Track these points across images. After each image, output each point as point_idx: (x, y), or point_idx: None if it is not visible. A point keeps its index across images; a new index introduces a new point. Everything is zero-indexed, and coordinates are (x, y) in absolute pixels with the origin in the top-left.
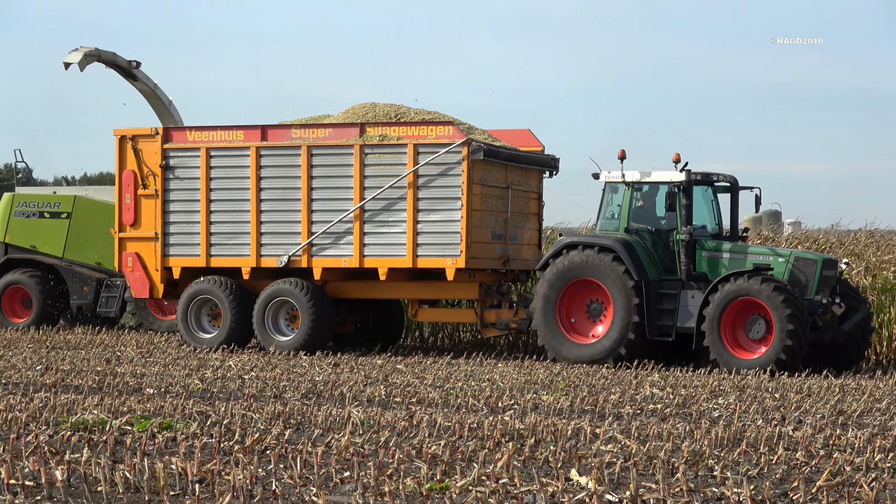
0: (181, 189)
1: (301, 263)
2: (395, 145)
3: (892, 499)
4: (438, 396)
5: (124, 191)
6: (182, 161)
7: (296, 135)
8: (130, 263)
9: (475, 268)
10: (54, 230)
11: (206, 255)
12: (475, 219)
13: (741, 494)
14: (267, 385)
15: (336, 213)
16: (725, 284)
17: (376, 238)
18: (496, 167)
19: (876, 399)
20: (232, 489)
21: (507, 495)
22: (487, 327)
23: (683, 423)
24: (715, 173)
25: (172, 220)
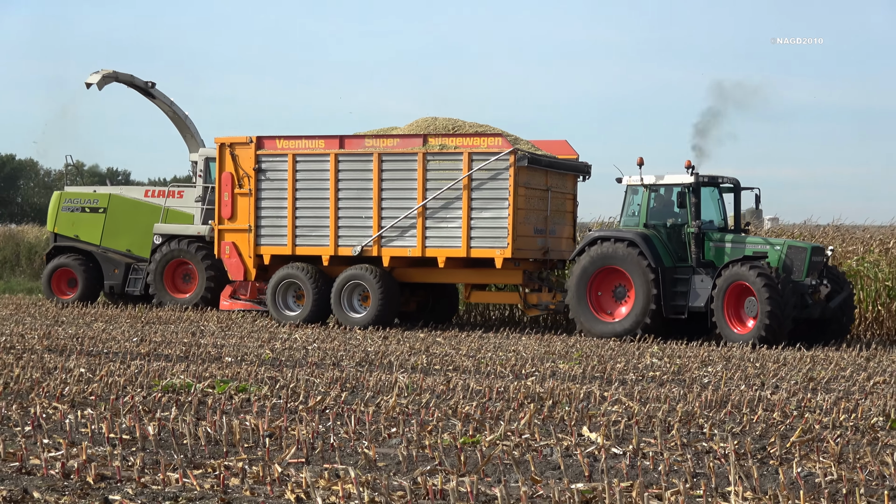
0: (271, 188)
1: (372, 252)
2: (453, 153)
3: (855, 452)
4: (471, 364)
5: (223, 189)
6: (272, 165)
7: (368, 144)
8: (227, 251)
9: (519, 258)
10: (93, 222)
11: (292, 245)
12: (520, 216)
13: (726, 448)
14: (327, 354)
15: (402, 210)
16: (726, 270)
17: (436, 231)
18: (538, 172)
19: (841, 368)
20: (297, 442)
21: (529, 448)
22: (530, 308)
23: (678, 387)
24: (720, 176)
25: (263, 215)
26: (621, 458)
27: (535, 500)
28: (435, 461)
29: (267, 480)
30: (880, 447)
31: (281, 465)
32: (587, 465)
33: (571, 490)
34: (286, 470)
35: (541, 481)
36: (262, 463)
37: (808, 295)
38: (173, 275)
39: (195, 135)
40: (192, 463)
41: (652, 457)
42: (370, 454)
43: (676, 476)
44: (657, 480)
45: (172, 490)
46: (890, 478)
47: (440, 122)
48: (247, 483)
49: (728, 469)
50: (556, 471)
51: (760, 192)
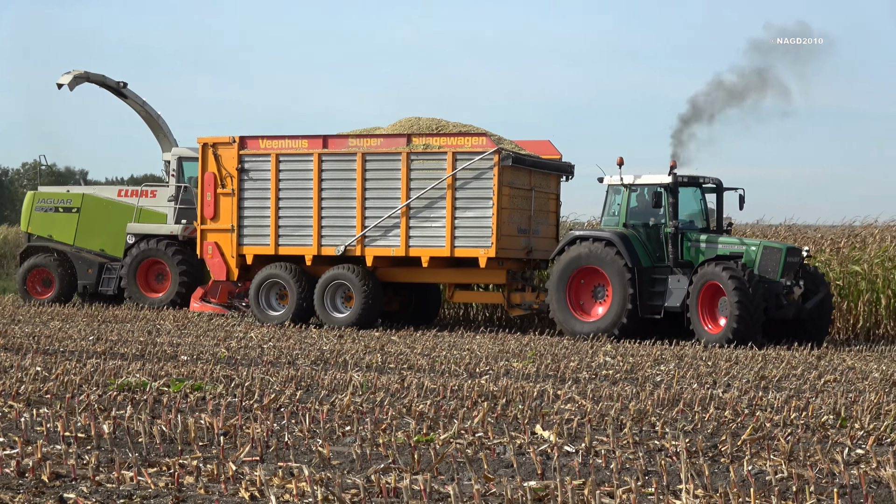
0: (254, 188)
1: (355, 252)
2: (437, 153)
3: (805, 450)
4: (426, 363)
5: (206, 189)
6: (255, 165)
7: (352, 143)
8: (210, 251)
9: (503, 257)
10: (67, 222)
11: (275, 245)
12: (504, 216)
13: (678, 446)
14: (282, 353)
15: (385, 209)
16: (700, 270)
17: (420, 231)
18: (522, 172)
19: (792, 367)
20: (251, 440)
21: (482, 446)
22: (513, 308)
23: (631, 386)
24: (701, 176)
25: (246, 215)
26: (574, 457)
27: (487, 497)
28: (389, 459)
29: (221, 479)
30: (830, 445)
31: (235, 463)
32: (540, 464)
33: (524, 488)
34: (240, 468)
35: (494, 479)
36: (217, 461)
37: (783, 295)
38: (146, 274)
39: (168, 134)
40: (146, 461)
41: (604, 455)
42: (324, 452)
43: (628, 474)
44: (609, 478)
45: (127, 488)
46: (840, 475)
47: (423, 122)
48: (201, 481)
49: (679, 467)
50: (509, 469)
51: (745, 192)
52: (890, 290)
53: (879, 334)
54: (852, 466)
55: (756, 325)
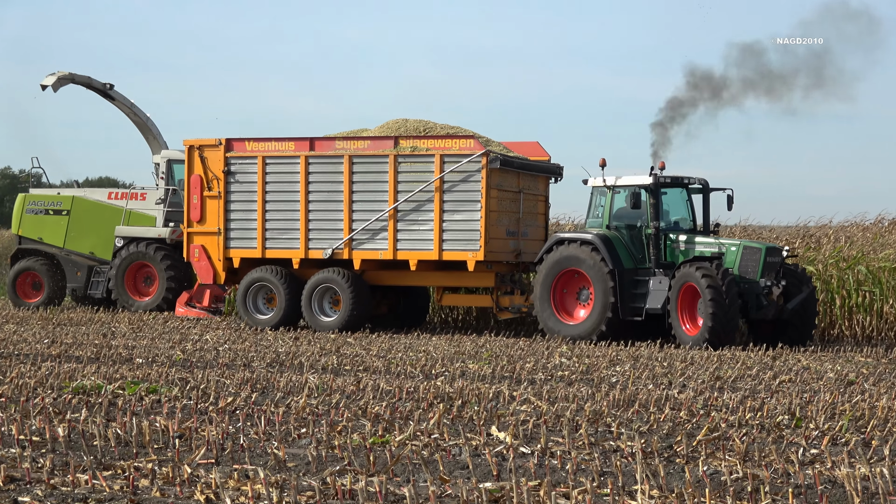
0: (241, 191)
1: (343, 255)
2: (424, 155)
3: (760, 450)
4: (382, 365)
5: (192, 192)
6: (242, 167)
7: (339, 146)
8: (197, 254)
9: (492, 260)
10: (57, 225)
11: (262, 248)
12: (492, 218)
13: (633, 447)
14: (238, 355)
15: (373, 212)
16: (679, 271)
17: (407, 234)
18: (510, 174)
19: (748, 367)
20: (206, 443)
21: (438, 448)
22: (502, 311)
23: (586, 387)
24: (686, 177)
25: (233, 218)
26: (529, 458)
27: (443, 499)
28: (344, 461)
29: (177, 481)
30: (785, 445)
31: (191, 465)
32: (495, 465)
33: (480, 489)
34: (196, 471)
35: (449, 481)
36: (172, 464)
37: (763, 296)
38: (134, 277)
39: (157, 136)
40: (101, 464)
41: (560, 456)
42: (280, 455)
43: (584, 475)
44: (565, 479)
45: (82, 491)
46: (794, 475)
47: (411, 124)
48: (156, 484)
49: (635, 468)
50: (464, 470)
51: (733, 192)
52: (844, 291)
53: (834, 335)
54: (807, 466)
55: (732, 326)
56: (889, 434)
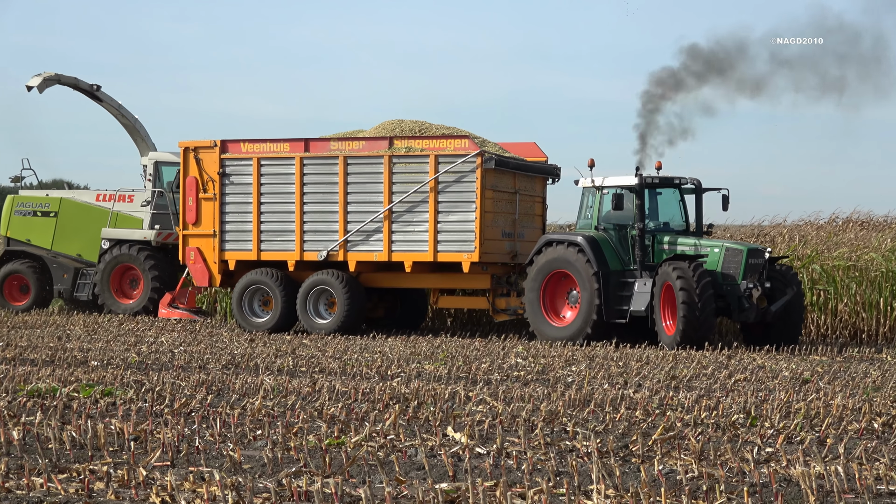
0: (236, 193)
1: (338, 257)
2: (419, 156)
3: (715, 449)
4: (337, 366)
5: (188, 194)
6: (237, 169)
7: (334, 147)
8: (192, 257)
9: (487, 262)
10: (44, 226)
11: (257, 250)
12: (487, 219)
13: (589, 446)
14: (193, 357)
15: (368, 214)
16: (659, 271)
17: (402, 236)
18: (506, 175)
19: (703, 366)
20: (162, 445)
21: (394, 449)
22: (498, 313)
23: (542, 387)
24: (676, 177)
25: (228, 220)
26: (485, 458)
27: (399, 500)
28: (300, 463)
29: (132, 484)
30: (741, 444)
31: (146, 468)
32: (451, 465)
33: (436, 490)
34: (151, 473)
35: (405, 481)
36: (128, 466)
37: (745, 298)
38: (120, 280)
39: (146, 138)
40: (56, 467)
41: (515, 456)
42: (235, 456)
43: (540, 475)
44: (521, 479)
45: (37, 495)
46: (750, 474)
47: (407, 125)
48: (112, 487)
49: (591, 467)
50: (420, 471)
51: (729, 192)
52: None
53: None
54: (762, 465)
55: (705, 327)
56: (843, 432)
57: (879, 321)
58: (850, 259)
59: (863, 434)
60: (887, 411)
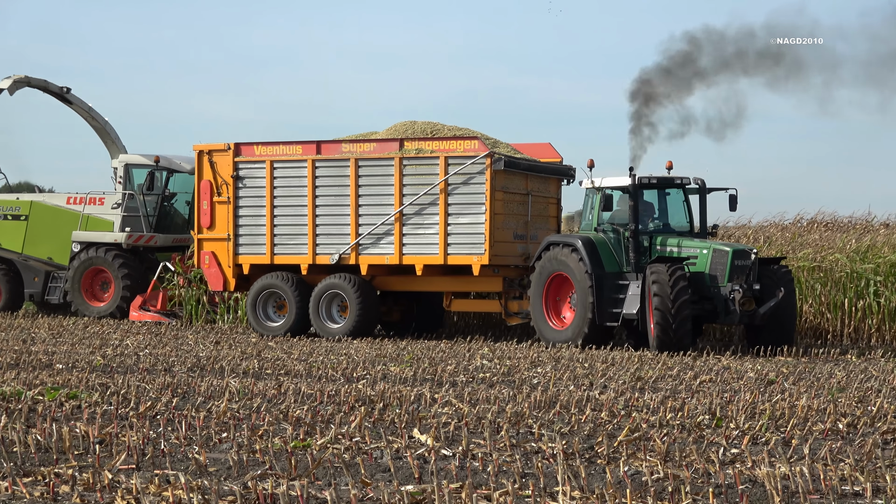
0: (249, 196)
1: (350, 260)
2: (429, 157)
3: (681, 450)
4: (303, 368)
5: (202, 198)
6: (250, 172)
7: (345, 149)
8: (207, 261)
9: (498, 264)
10: (15, 230)
11: (271, 254)
12: (497, 221)
13: (555, 448)
14: (158, 360)
15: (379, 216)
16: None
17: (413, 238)
18: (517, 176)
19: (668, 367)
20: (127, 448)
21: (359, 451)
22: (510, 316)
23: (508, 388)
24: (677, 177)
25: (242, 223)
26: (451, 460)
27: (365, 502)
28: (266, 465)
29: (97, 487)
30: (706, 445)
31: (111, 471)
32: (417, 467)
33: (401, 492)
34: (116, 476)
35: (371, 484)
36: (93, 470)
37: (731, 301)
38: (91, 283)
39: (116, 140)
40: (21, 471)
41: (481, 458)
42: (201, 459)
43: (505, 476)
44: (486, 481)
45: (2, 498)
46: (715, 475)
47: (419, 126)
48: (77, 490)
49: (556, 469)
50: (386, 473)
51: (737, 192)
52: None
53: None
54: (727, 466)
55: (679, 331)
56: (808, 433)
57: (844, 322)
58: (814, 260)
59: (828, 435)
60: (852, 412)
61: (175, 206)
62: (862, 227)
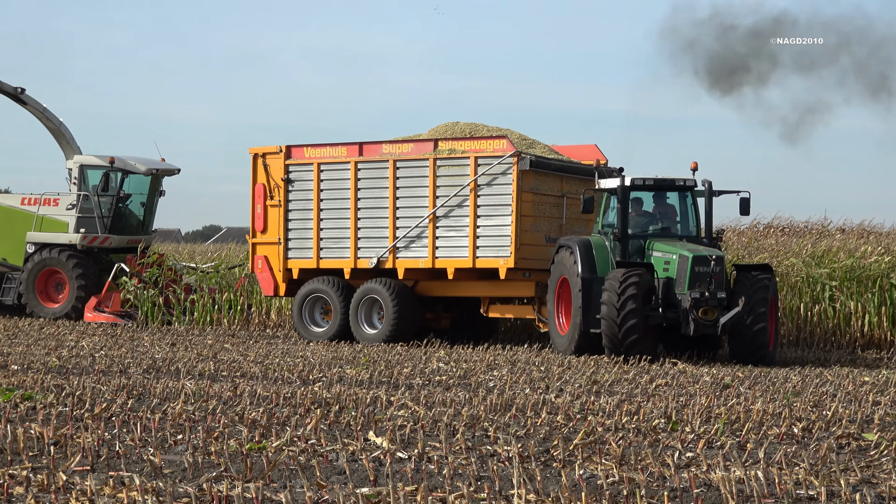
0: (299, 199)
1: (388, 264)
2: (460, 158)
3: (636, 454)
4: (259, 371)
5: (256, 202)
6: (300, 175)
7: (385, 150)
8: (260, 265)
9: (528, 268)
10: None
11: (317, 257)
12: (526, 223)
13: (511, 451)
14: (114, 362)
15: (415, 219)
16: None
17: (445, 241)
18: (550, 177)
19: (624, 371)
20: (82, 450)
21: (315, 453)
22: (543, 322)
23: (464, 391)
24: (676, 178)
25: (292, 227)
26: (406, 463)
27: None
28: (221, 467)
29: (52, 489)
30: (661, 449)
31: (66, 473)
32: (373, 470)
33: (357, 495)
34: (71, 478)
35: (326, 486)
36: (47, 471)
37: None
38: (45, 284)
39: (70, 141)
40: None
41: (437, 461)
42: (156, 461)
43: (461, 479)
44: (442, 484)
45: None
46: (670, 479)
47: (459, 127)
48: (31, 492)
49: (512, 472)
50: (341, 476)
51: (750, 195)
52: None
53: None
54: (683, 469)
55: (626, 338)
56: (764, 437)
57: (800, 326)
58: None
59: (783, 439)
60: (807, 416)
61: (130, 207)
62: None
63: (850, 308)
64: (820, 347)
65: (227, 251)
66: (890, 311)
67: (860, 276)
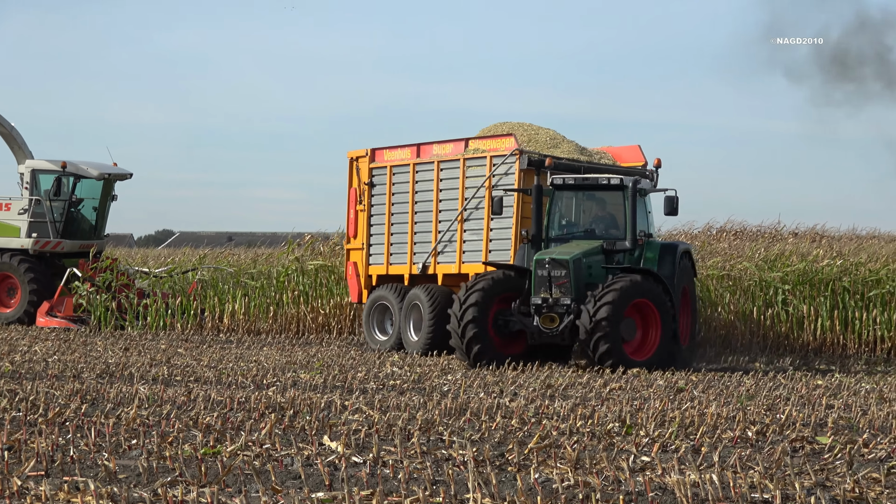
0: (378, 204)
1: (430, 269)
2: (479, 157)
3: (591, 458)
4: (213, 375)
5: (349, 206)
6: (379, 178)
7: (434, 151)
8: (350, 271)
9: None
10: None
11: (387, 263)
12: (527, 225)
13: (466, 455)
14: (67, 367)
15: (447, 222)
16: None
17: (469, 245)
18: None
19: (578, 375)
20: (36, 455)
21: (270, 458)
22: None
23: (418, 395)
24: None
25: (372, 232)
26: (362, 467)
27: None
28: (175, 472)
29: (6, 494)
30: (616, 452)
31: (20, 478)
32: (328, 474)
33: (312, 499)
34: (25, 483)
35: (281, 491)
36: (1, 476)
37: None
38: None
39: (23, 146)
40: None
41: (392, 465)
42: (110, 466)
43: (416, 484)
44: (397, 488)
45: None
46: (625, 482)
47: (505, 127)
48: None
49: (467, 476)
50: (296, 480)
51: (676, 193)
52: None
53: None
54: (638, 473)
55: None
56: (718, 440)
57: (753, 330)
58: (723, 268)
59: (737, 442)
60: (761, 420)
61: (82, 211)
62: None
63: (802, 312)
64: (773, 351)
65: (181, 255)
66: (842, 314)
67: (813, 279)
